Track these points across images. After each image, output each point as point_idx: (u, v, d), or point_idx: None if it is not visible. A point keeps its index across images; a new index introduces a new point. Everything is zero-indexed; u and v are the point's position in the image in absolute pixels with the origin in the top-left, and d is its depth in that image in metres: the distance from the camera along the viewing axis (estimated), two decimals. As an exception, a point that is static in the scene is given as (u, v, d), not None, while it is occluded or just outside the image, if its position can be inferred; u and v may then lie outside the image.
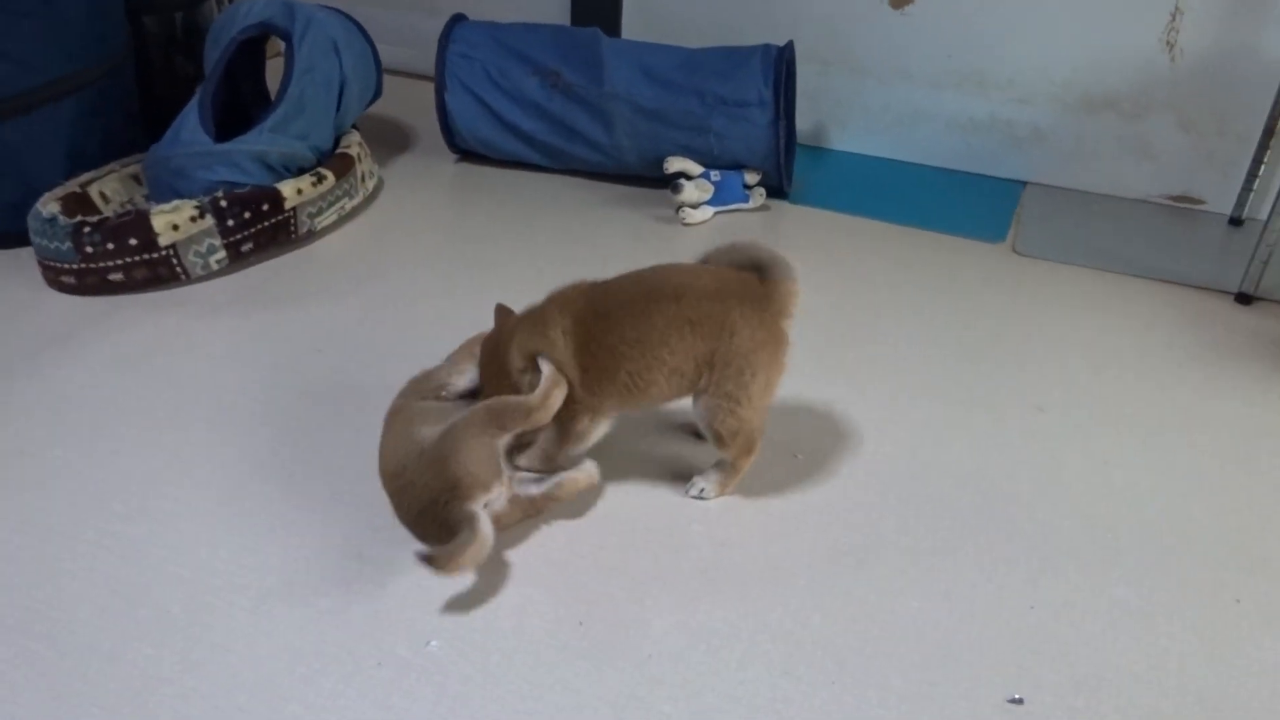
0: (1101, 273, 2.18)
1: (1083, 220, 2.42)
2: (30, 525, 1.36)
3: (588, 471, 1.40)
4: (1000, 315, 1.99)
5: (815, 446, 1.58)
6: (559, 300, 1.40)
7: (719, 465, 1.45)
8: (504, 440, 1.31)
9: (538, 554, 1.35)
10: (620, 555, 1.36)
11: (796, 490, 1.48)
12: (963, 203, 2.48)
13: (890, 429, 1.64)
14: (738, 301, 1.35)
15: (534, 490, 1.37)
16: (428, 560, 1.22)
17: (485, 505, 1.29)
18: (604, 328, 1.35)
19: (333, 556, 1.33)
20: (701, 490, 1.45)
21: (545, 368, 1.34)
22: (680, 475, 1.49)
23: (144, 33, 2.35)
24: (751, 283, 1.37)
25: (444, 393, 1.48)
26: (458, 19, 2.47)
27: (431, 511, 1.28)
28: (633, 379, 1.35)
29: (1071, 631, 1.27)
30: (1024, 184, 2.58)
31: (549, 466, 1.41)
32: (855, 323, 1.95)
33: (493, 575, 1.31)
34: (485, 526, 1.26)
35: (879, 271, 2.14)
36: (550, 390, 1.32)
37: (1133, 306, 2.05)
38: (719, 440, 1.40)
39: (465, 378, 1.46)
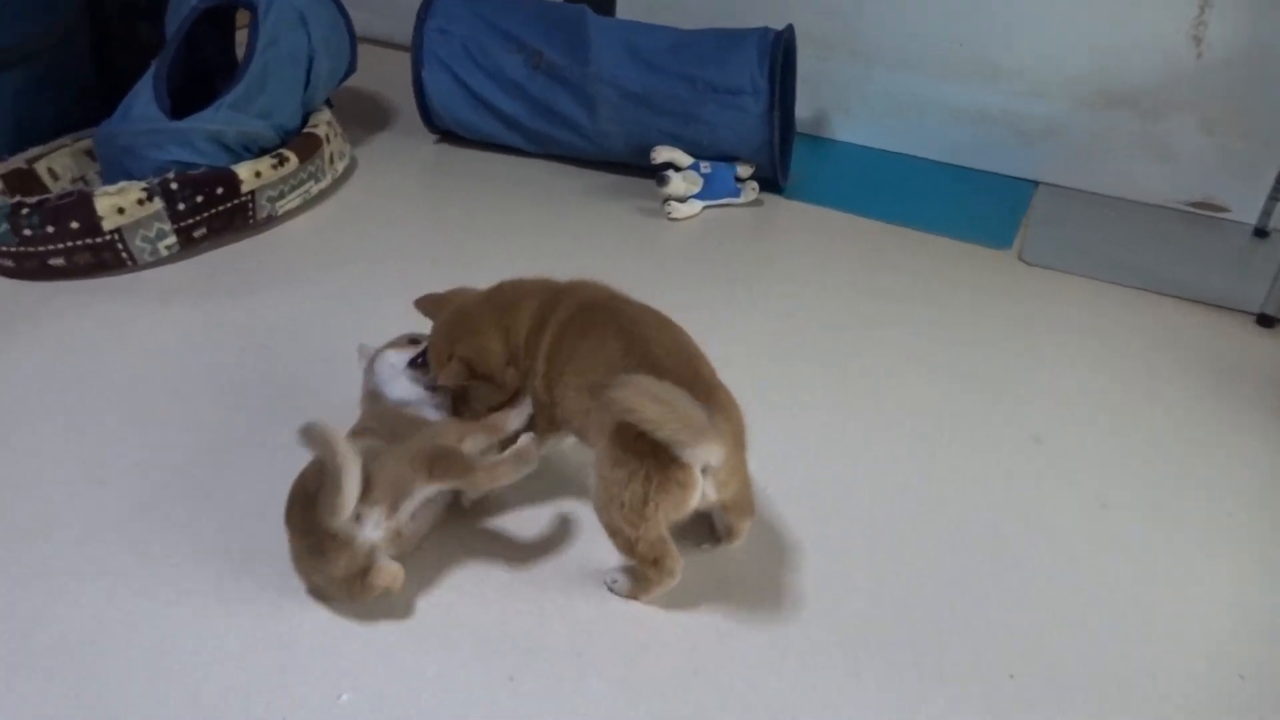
0: (1112, 286, 2.04)
1: (1095, 226, 2.28)
2: (-76, 543, 1.26)
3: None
4: (1001, 332, 1.86)
5: (784, 472, 1.45)
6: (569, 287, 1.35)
7: (631, 568, 1.24)
8: (427, 489, 1.19)
9: (470, 593, 1.23)
10: (563, 598, 1.23)
11: (761, 529, 1.35)
12: (968, 203, 2.34)
13: (869, 456, 1.51)
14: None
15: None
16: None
17: (356, 517, 1.14)
18: (573, 322, 1.28)
19: (248, 588, 1.21)
20: (615, 582, 1.24)
21: (525, 439, 1.23)
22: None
23: (102, -3, 2.22)
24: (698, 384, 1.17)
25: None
26: (438, -9, 2.32)
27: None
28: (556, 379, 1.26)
29: (1053, 707, 1.14)
30: (1035, 184, 2.44)
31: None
32: (841, 334, 1.82)
33: (416, 620, 1.19)
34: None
35: (873, 278, 2.01)
36: (507, 462, 1.22)
37: (1145, 326, 1.91)
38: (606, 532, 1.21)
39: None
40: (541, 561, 1.29)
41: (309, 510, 1.14)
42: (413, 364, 1.34)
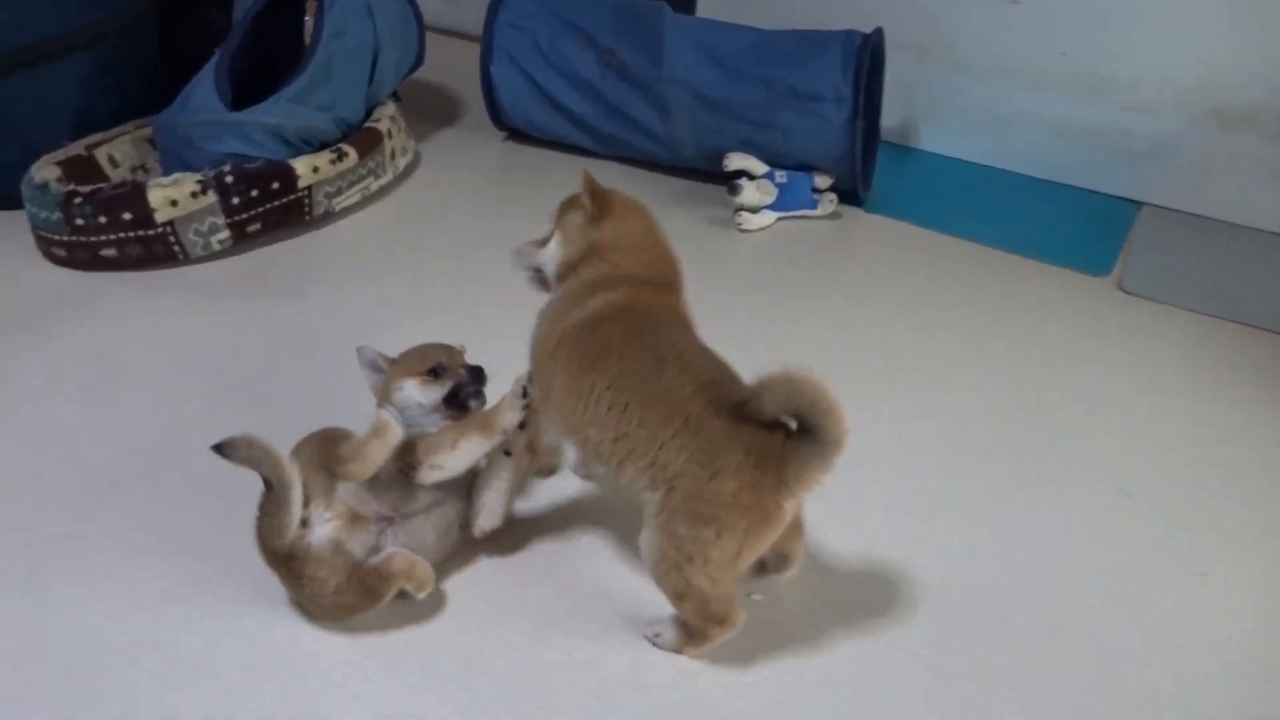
0: (1221, 321, 1.88)
1: (1204, 254, 2.10)
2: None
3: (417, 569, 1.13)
4: (1094, 369, 1.72)
5: (836, 519, 1.32)
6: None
7: (679, 620, 1.13)
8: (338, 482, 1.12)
9: (493, 634, 1.15)
10: (594, 646, 1.14)
11: (814, 582, 1.24)
12: (1065, 224, 2.19)
13: (933, 501, 1.39)
14: (744, 445, 1.04)
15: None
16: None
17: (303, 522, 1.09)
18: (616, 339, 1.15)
19: (260, 617, 1.15)
20: (658, 635, 1.14)
21: (381, 413, 1.15)
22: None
23: (172, -17, 2.19)
24: (774, 438, 1.05)
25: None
26: (512, -16, 2.24)
27: None
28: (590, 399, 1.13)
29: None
30: (1139, 205, 2.27)
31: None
32: (915, 362, 1.69)
33: (432, 660, 1.11)
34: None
35: (955, 303, 1.87)
36: (369, 440, 1.11)
37: (1257, 370, 1.75)
38: (665, 594, 1.11)
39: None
40: (575, 602, 1.20)
41: (265, 547, 1.10)
42: (448, 402, 1.23)
